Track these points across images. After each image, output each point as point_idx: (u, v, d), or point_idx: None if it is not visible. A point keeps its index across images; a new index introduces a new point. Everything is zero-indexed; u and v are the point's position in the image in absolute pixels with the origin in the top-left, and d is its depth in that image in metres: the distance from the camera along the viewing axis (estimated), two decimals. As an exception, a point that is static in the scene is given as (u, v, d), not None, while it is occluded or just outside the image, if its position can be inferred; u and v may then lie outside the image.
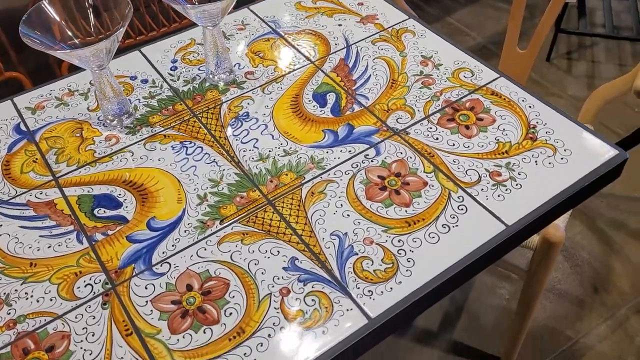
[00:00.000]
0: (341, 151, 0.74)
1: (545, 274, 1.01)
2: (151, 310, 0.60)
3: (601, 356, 1.27)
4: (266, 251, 0.64)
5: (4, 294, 0.62)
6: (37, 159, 0.76)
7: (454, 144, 0.74)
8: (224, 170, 0.73)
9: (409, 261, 0.62)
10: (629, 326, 1.32)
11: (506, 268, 1.11)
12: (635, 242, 1.47)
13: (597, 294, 1.38)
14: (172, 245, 0.65)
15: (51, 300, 0.61)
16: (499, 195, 0.68)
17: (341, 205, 0.68)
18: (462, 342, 1.30)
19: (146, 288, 0.62)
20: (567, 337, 1.31)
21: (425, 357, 1.27)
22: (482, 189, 0.68)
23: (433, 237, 0.64)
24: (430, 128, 0.76)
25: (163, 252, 0.65)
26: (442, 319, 1.34)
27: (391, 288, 0.60)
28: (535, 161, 0.71)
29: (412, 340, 1.29)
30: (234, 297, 0.60)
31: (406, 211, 0.67)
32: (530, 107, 0.77)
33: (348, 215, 0.67)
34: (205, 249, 0.65)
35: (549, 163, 0.71)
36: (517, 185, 0.69)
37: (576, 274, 1.42)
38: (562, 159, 0.71)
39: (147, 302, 0.61)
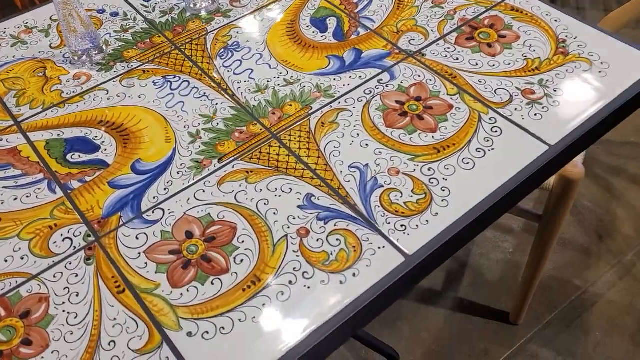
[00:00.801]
0: (350, 77, 0.65)
1: (563, 215, 0.94)
2: (146, 263, 0.50)
3: (612, 304, 1.22)
4: (276, 189, 0.55)
5: (-36, 255, 0.51)
6: (-7, 103, 0.65)
7: (477, 64, 0.65)
8: (217, 104, 0.63)
9: (443, 190, 0.54)
10: (637, 271, 1.27)
11: (518, 214, 1.04)
12: (636, 186, 1.42)
13: (602, 242, 1.33)
14: (164, 189, 0.55)
15: (22, 258, 0.51)
16: (535, 114, 0.59)
17: (357, 134, 0.59)
18: (468, 299, 1.23)
19: (137, 238, 0.52)
20: (575, 286, 1.25)
21: (432, 317, 1.20)
22: (516, 109, 0.60)
23: (467, 163, 0.56)
24: (448, 48, 0.67)
25: (154, 198, 0.55)
26: (445, 277, 1.27)
27: (427, 221, 0.52)
28: (571, 76, 0.63)
29: (416, 301, 1.22)
30: (243, 242, 0.51)
31: (433, 137, 0.58)
32: (556, 21, 0.69)
33: (367, 145, 0.58)
34: (204, 191, 0.55)
35: (587, 77, 0.63)
36: (554, 102, 0.60)
37: (580, 223, 1.36)
38: (600, 72, 0.63)
39: (139, 254, 0.51)
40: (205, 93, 0.64)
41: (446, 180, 0.55)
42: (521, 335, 1.19)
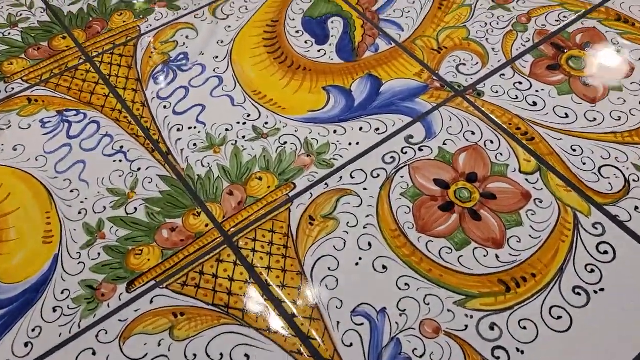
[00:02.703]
0: (361, 129, 0.40)
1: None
2: None
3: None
4: (222, 355, 0.31)
5: None
6: None
7: (566, 115, 0.40)
8: (138, 170, 0.38)
9: (517, 375, 0.30)
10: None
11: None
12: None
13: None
14: (26, 345, 0.32)
15: None
16: (671, 221, 0.35)
17: (369, 245, 0.35)
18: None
19: None
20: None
21: None
22: (637, 207, 0.36)
23: (559, 318, 0.32)
24: (520, 83, 0.42)
25: (6, 361, 0.31)
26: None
27: None
28: None
29: None
30: None
31: (497, 257, 0.34)
32: (691, 43, 0.44)
33: (384, 267, 0.34)
34: (94, 353, 0.31)
35: None
36: (700, 198, 0.36)
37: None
38: None
39: None
40: (122, 147, 0.39)
41: (523, 353, 0.31)
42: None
